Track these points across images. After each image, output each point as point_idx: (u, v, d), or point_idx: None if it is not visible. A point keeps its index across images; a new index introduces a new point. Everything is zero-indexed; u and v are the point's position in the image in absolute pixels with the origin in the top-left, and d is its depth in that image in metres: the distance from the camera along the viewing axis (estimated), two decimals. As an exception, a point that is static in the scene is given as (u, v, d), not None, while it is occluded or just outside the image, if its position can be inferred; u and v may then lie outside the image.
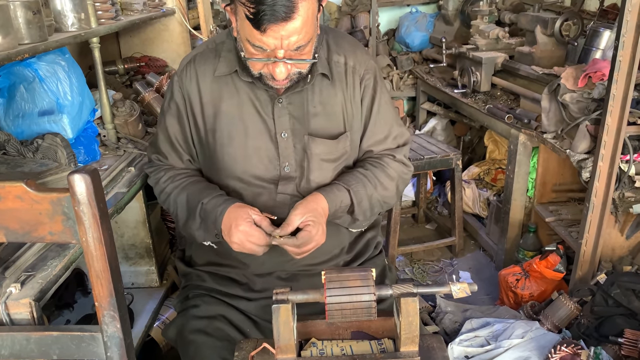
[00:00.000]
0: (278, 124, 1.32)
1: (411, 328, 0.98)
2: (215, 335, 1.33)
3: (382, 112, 1.40)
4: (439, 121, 3.61)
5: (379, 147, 1.42)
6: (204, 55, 1.35)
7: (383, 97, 1.41)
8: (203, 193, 1.32)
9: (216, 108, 1.33)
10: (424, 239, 3.11)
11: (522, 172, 2.52)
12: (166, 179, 1.39)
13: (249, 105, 1.32)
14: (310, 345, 1.09)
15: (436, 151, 2.76)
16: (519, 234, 2.66)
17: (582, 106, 2.06)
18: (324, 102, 1.34)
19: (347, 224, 1.40)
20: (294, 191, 1.35)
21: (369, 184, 1.35)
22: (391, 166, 1.40)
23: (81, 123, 1.59)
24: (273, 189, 1.35)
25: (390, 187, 1.39)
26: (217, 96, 1.33)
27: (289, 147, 1.33)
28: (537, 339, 1.94)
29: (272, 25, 1.09)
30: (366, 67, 1.39)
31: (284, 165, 1.34)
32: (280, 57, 1.16)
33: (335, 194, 1.30)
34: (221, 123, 1.33)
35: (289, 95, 1.31)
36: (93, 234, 0.87)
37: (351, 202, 1.33)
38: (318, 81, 1.33)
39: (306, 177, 1.35)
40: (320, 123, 1.34)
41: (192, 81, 1.34)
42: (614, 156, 1.93)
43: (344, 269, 0.99)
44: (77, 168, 0.85)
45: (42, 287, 1.05)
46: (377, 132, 1.41)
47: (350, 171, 1.38)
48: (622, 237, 2.14)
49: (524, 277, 2.36)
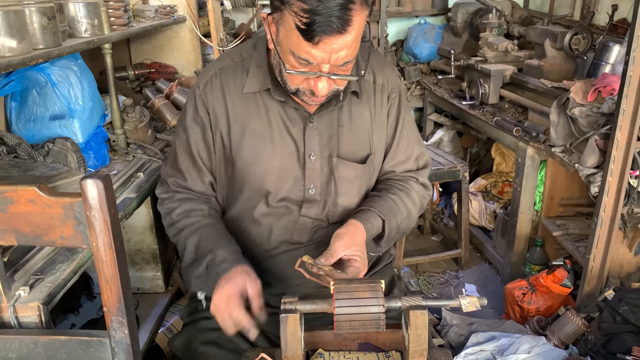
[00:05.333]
0: (307, 146, 1.27)
1: (420, 341, 0.97)
2: (226, 347, 1.30)
3: (406, 132, 1.38)
4: (446, 132, 3.61)
5: (401, 168, 1.39)
6: (230, 69, 1.29)
7: (407, 117, 1.39)
8: (218, 242, 1.25)
9: (244, 126, 1.27)
10: (429, 251, 3.10)
11: (529, 186, 2.51)
12: (180, 212, 1.30)
13: (278, 124, 1.27)
14: (317, 355, 1.09)
15: (443, 162, 2.75)
16: (526, 247, 2.65)
17: (591, 120, 2.06)
18: (352, 121, 1.30)
19: (369, 249, 1.33)
20: (317, 214, 1.31)
21: (398, 212, 1.31)
22: (415, 190, 1.37)
23: (92, 128, 1.60)
24: (296, 211, 1.31)
25: (413, 214, 1.37)
26: (245, 114, 1.27)
27: (315, 170, 1.29)
28: (544, 354, 1.92)
29: (325, 37, 1.03)
30: (393, 86, 1.35)
31: (308, 188, 1.29)
32: (326, 72, 1.10)
33: (372, 223, 1.26)
34: (248, 142, 1.27)
35: (321, 114, 1.27)
36: (104, 239, 0.87)
37: (383, 231, 1.29)
38: (347, 100, 1.29)
39: (333, 201, 1.31)
40: (348, 145, 1.31)
41: (219, 96, 1.27)
42: (623, 171, 1.92)
43: (353, 280, 0.99)
44: (89, 173, 0.85)
45: (51, 290, 1.05)
46: (400, 153, 1.38)
47: (380, 196, 1.33)
48: (630, 254, 2.12)
49: (530, 292, 2.35)
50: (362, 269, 1.16)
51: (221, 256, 1.21)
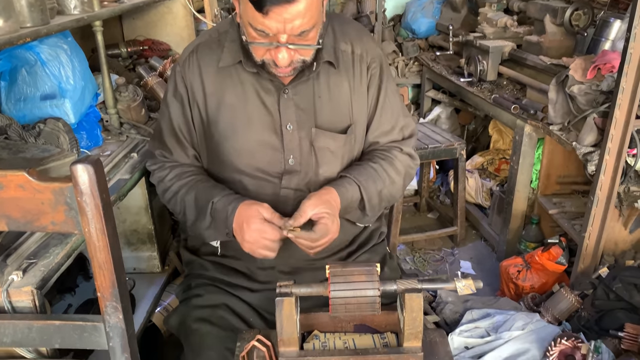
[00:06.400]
0: (284, 116, 1.29)
1: (415, 324, 0.98)
2: (219, 324, 1.32)
3: (389, 102, 1.38)
4: (443, 109, 3.58)
5: (386, 139, 1.40)
6: (207, 45, 1.32)
7: (389, 87, 1.39)
8: (213, 191, 1.29)
9: (219, 100, 1.30)
10: (425, 228, 3.11)
11: (526, 164, 2.50)
12: (172, 177, 1.35)
13: (253, 96, 1.29)
14: (313, 337, 1.09)
15: (440, 140, 2.74)
16: (522, 225, 2.65)
17: (590, 98, 2.04)
18: (330, 91, 1.31)
19: (356, 218, 1.38)
20: (298, 185, 1.33)
21: (378, 179, 1.33)
22: (399, 159, 1.38)
23: (83, 108, 1.57)
24: (277, 183, 1.32)
25: (398, 182, 1.38)
26: (221, 88, 1.30)
27: (294, 140, 1.30)
28: (537, 331, 1.94)
29: (275, 7, 1.07)
30: (373, 55, 1.36)
31: (288, 159, 1.31)
32: (283, 42, 1.13)
33: (347, 188, 1.28)
34: (224, 115, 1.30)
35: (295, 85, 1.28)
36: (96, 225, 0.86)
37: (361, 197, 1.31)
38: (324, 70, 1.30)
39: (314, 171, 1.32)
40: (327, 115, 1.32)
41: (195, 72, 1.31)
42: (620, 150, 1.91)
43: (348, 264, 0.98)
44: (80, 157, 0.84)
45: (44, 275, 1.04)
46: (383, 123, 1.39)
47: (360, 164, 1.36)
48: (625, 231, 2.13)
49: (525, 269, 2.36)
50: (330, 226, 1.19)
51: (221, 202, 1.26)
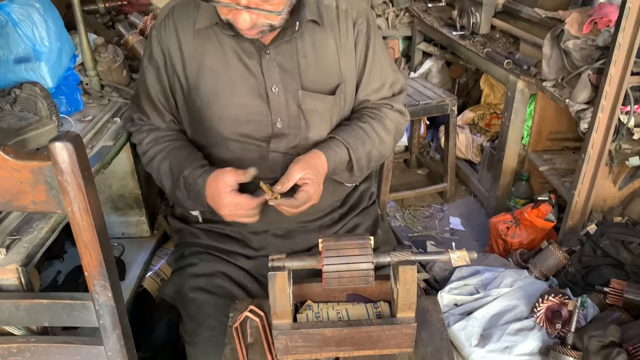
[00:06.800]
0: (268, 78, 1.24)
1: (409, 295, 0.97)
2: (217, 292, 1.31)
3: (377, 58, 1.34)
4: (434, 62, 3.50)
5: (376, 96, 1.37)
6: (182, 6, 1.25)
7: (377, 43, 1.34)
8: (184, 163, 1.27)
9: (199, 64, 1.25)
10: (415, 185, 3.10)
11: (518, 120, 2.47)
12: (149, 141, 1.34)
13: (234, 59, 1.23)
14: (306, 307, 1.09)
15: (432, 96, 2.69)
16: (511, 181, 2.65)
17: (585, 54, 1.99)
18: (316, 51, 1.26)
19: (344, 179, 1.37)
20: (287, 149, 1.29)
21: (368, 140, 1.30)
22: (389, 117, 1.35)
23: (61, 71, 1.49)
24: (265, 147, 1.29)
25: (387, 141, 1.36)
26: (200, 51, 1.24)
27: (280, 103, 1.26)
28: (525, 287, 1.97)
29: None
30: (358, 10, 1.30)
31: (275, 122, 1.27)
32: (243, 4, 1.07)
33: (335, 151, 1.26)
34: (205, 80, 1.25)
35: (277, 45, 1.22)
36: (79, 204, 0.82)
37: (350, 159, 1.29)
38: (308, 29, 1.25)
39: (304, 135, 1.29)
40: (314, 76, 1.27)
41: (172, 35, 1.25)
42: (614, 107, 1.89)
43: (341, 237, 0.96)
44: (58, 135, 0.79)
45: (29, 251, 1.01)
46: (372, 81, 1.35)
47: (349, 125, 1.32)
48: (614, 188, 2.14)
49: (514, 225, 2.38)
50: (312, 193, 1.18)
51: (191, 176, 1.24)
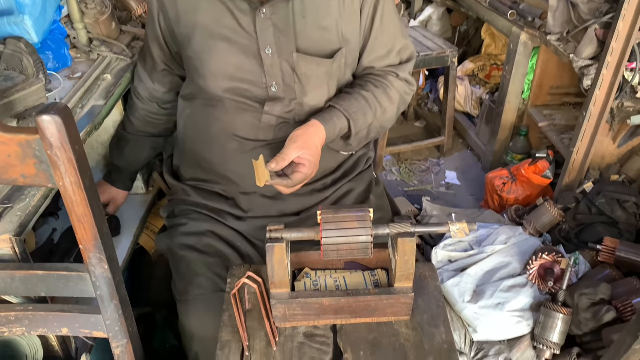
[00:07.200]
0: (261, 38, 1.17)
1: (407, 266, 0.97)
2: (207, 251, 1.31)
3: (386, 23, 1.26)
4: (435, 10, 3.38)
5: (381, 63, 1.30)
6: None
7: (387, 5, 1.25)
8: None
9: (194, 20, 1.19)
10: (412, 138, 3.07)
11: (519, 74, 2.41)
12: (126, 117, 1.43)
13: (228, 17, 1.17)
14: (304, 275, 1.09)
15: (432, 47, 2.61)
16: (510, 136, 2.63)
17: (593, 7, 1.91)
18: (315, 12, 1.18)
19: (338, 147, 1.33)
20: (282, 113, 1.24)
21: (369, 111, 1.25)
22: (394, 86, 1.29)
23: (46, 24, 1.42)
24: (259, 108, 1.24)
25: (390, 111, 1.30)
26: (194, 6, 1.18)
27: (275, 65, 1.20)
28: (519, 244, 1.99)
29: None
30: None
31: (270, 85, 1.22)
32: None
33: (335, 123, 1.20)
34: (199, 36, 1.20)
35: (274, 4, 1.15)
36: (71, 179, 0.79)
37: (349, 130, 1.24)
38: None
39: (299, 100, 1.24)
40: (311, 38, 1.20)
41: None
42: (619, 64, 1.84)
43: (340, 209, 0.95)
44: (44, 107, 0.75)
45: (22, 220, 0.99)
46: (379, 47, 1.27)
47: (351, 93, 1.26)
48: (613, 145, 2.12)
49: (510, 181, 2.37)
50: (309, 175, 1.15)
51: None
